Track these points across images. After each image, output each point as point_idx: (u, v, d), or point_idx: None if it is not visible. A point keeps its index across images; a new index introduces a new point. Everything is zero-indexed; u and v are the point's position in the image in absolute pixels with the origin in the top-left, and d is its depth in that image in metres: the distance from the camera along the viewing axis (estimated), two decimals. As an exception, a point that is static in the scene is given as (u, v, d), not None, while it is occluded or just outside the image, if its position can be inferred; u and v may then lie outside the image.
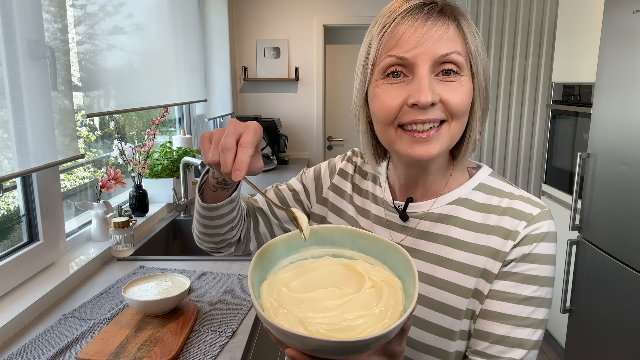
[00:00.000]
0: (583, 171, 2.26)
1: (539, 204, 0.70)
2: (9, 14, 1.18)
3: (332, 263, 0.60)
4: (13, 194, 1.43)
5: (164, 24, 2.24)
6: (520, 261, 0.66)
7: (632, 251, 1.88)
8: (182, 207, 2.08)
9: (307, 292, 0.55)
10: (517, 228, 0.67)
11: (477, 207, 0.71)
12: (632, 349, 1.89)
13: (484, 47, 0.64)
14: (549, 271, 0.67)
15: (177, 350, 1.04)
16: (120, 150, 1.89)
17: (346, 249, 0.63)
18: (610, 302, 2.04)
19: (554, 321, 2.80)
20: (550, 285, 0.67)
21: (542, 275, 0.66)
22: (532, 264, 0.66)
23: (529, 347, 0.65)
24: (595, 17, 2.39)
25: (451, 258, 0.70)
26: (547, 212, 0.69)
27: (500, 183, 0.74)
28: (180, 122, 2.96)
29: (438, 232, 0.72)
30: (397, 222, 0.76)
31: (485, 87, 0.66)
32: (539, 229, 0.67)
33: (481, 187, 0.73)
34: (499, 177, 0.76)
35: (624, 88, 1.94)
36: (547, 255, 0.66)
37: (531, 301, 0.66)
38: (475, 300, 0.68)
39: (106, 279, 1.46)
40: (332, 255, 0.62)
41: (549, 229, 0.67)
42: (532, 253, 0.66)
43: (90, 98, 1.59)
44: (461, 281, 0.69)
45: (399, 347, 0.57)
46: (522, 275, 0.66)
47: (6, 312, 1.16)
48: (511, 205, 0.70)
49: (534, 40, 3.78)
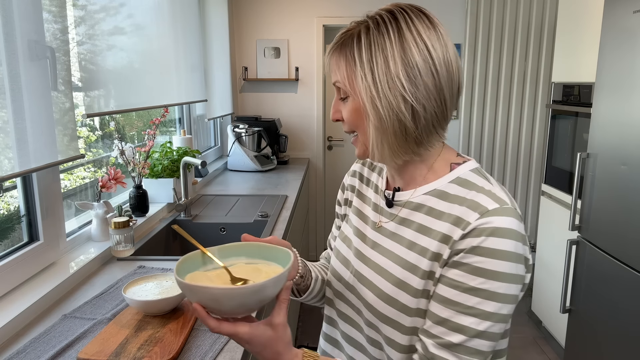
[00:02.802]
0: (583, 171, 2.26)
1: (502, 200, 0.73)
2: (9, 14, 1.18)
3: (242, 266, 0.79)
4: (11, 193, 1.43)
5: (164, 24, 2.24)
6: (469, 253, 0.70)
7: (632, 251, 1.88)
8: (182, 207, 2.08)
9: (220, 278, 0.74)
10: (469, 219, 0.71)
11: (446, 198, 0.77)
12: (632, 348, 1.89)
13: (373, 67, 0.73)
14: (501, 267, 0.69)
15: (177, 350, 1.04)
16: (121, 150, 1.89)
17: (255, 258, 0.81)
18: (610, 302, 2.04)
19: (554, 321, 2.81)
20: (504, 281, 0.69)
21: (491, 269, 0.69)
22: (480, 257, 0.69)
23: (470, 335, 0.70)
24: (595, 17, 2.39)
25: (417, 242, 0.77)
26: (507, 209, 0.71)
27: (478, 178, 0.77)
28: (180, 122, 2.96)
29: (412, 219, 0.80)
30: (385, 208, 0.86)
31: (372, 103, 0.74)
32: (489, 223, 0.70)
33: (458, 180, 0.78)
34: (482, 173, 0.79)
35: (624, 88, 1.94)
36: (499, 251, 0.69)
37: (478, 292, 0.69)
38: (430, 281, 0.75)
39: (106, 279, 1.47)
40: (245, 263, 0.80)
41: (501, 225, 0.69)
42: (480, 246, 0.69)
43: (91, 98, 1.59)
44: (420, 263, 0.76)
45: (278, 319, 0.71)
46: (470, 266, 0.70)
47: (6, 312, 1.16)
48: (473, 198, 0.74)
49: (534, 41, 3.77)
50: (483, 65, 3.83)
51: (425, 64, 0.72)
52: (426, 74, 0.73)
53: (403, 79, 0.72)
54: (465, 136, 3.95)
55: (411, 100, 0.73)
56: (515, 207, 0.73)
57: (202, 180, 2.80)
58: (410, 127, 0.74)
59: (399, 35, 0.73)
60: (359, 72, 0.74)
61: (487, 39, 3.80)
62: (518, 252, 0.70)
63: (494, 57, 3.81)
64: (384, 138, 0.76)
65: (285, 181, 2.92)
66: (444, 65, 0.74)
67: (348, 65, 0.76)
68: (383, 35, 0.73)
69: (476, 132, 3.94)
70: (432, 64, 0.73)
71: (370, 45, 0.73)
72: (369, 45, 0.74)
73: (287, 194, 2.56)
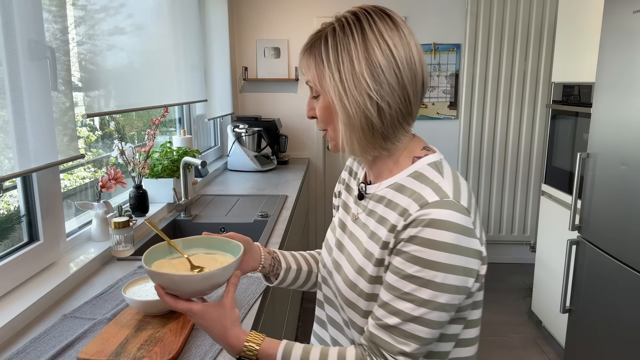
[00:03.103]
0: (583, 171, 2.26)
1: (444, 193, 0.76)
2: (9, 14, 1.18)
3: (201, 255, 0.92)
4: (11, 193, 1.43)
5: (164, 24, 2.24)
6: (408, 242, 0.75)
7: (632, 251, 1.88)
8: (182, 207, 2.08)
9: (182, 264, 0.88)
10: (411, 210, 0.76)
11: (402, 191, 0.81)
12: (632, 348, 1.89)
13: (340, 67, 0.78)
14: (437, 256, 0.72)
15: (177, 350, 1.04)
16: (121, 150, 1.89)
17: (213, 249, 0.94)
18: (610, 302, 2.04)
19: (554, 321, 2.81)
20: (440, 270, 0.73)
21: (427, 259, 0.73)
22: (417, 246, 0.73)
23: (405, 319, 0.75)
24: (595, 17, 2.39)
25: (376, 232, 0.82)
26: (447, 202, 0.74)
27: (431, 171, 0.81)
28: (180, 122, 2.96)
29: (376, 211, 0.85)
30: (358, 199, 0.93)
31: (340, 101, 0.79)
32: (427, 214, 0.73)
33: (414, 173, 0.82)
34: (437, 167, 0.82)
35: (624, 88, 1.94)
36: (434, 241, 0.72)
37: (414, 280, 0.74)
38: (381, 268, 0.80)
39: (106, 279, 1.47)
40: (204, 253, 0.94)
41: (437, 217, 0.73)
42: (417, 236, 0.73)
43: (91, 98, 1.59)
44: (375, 251, 0.81)
45: (226, 299, 0.83)
46: (409, 254, 0.74)
47: (6, 312, 1.16)
48: (420, 190, 0.78)
49: (534, 40, 3.78)
50: (483, 65, 3.83)
51: (388, 63, 0.77)
52: (389, 72, 0.77)
53: (367, 78, 0.76)
54: (465, 136, 3.95)
55: (376, 98, 0.77)
56: (460, 200, 0.75)
57: (202, 180, 2.80)
58: (376, 123, 0.78)
59: (363, 36, 0.77)
60: (327, 72, 0.79)
61: (487, 39, 3.80)
62: (458, 244, 0.73)
63: (494, 57, 3.81)
64: (352, 134, 0.80)
65: (285, 181, 2.92)
66: (406, 64, 0.78)
67: (317, 65, 0.81)
68: (348, 36, 0.78)
69: (476, 132, 3.94)
70: (395, 63, 0.77)
71: (337, 46, 0.78)
72: (335, 46, 0.78)
73: (287, 194, 2.56)
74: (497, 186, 4.03)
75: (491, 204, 4.06)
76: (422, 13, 3.81)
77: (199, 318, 0.81)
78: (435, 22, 3.81)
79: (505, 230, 4.10)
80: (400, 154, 0.85)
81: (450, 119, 3.96)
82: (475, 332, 0.85)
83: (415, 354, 0.76)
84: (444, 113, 3.94)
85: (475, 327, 0.85)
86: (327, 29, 0.81)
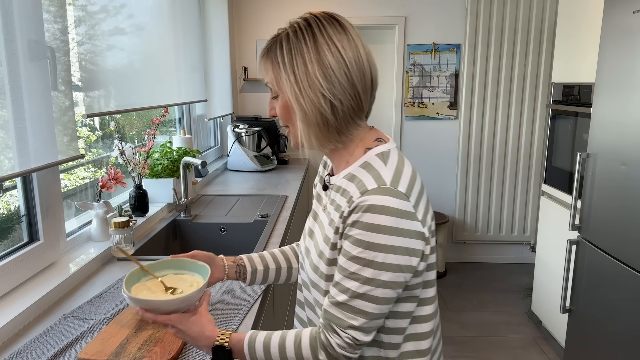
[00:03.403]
0: (583, 171, 2.26)
1: (382, 181, 0.83)
2: (9, 14, 1.18)
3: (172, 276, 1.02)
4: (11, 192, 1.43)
5: (164, 24, 2.24)
6: (352, 226, 0.82)
7: (632, 251, 1.88)
8: (182, 207, 2.08)
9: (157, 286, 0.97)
10: (354, 197, 0.83)
11: (353, 180, 0.88)
12: (632, 348, 1.89)
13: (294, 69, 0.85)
14: (378, 239, 0.80)
15: (177, 350, 1.04)
16: (121, 150, 1.89)
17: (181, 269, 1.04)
18: (610, 302, 2.04)
19: (554, 321, 2.81)
20: (382, 251, 0.80)
21: (368, 241, 0.80)
22: (359, 230, 0.81)
23: (352, 296, 0.82)
24: (595, 17, 2.39)
25: (333, 219, 0.89)
26: (384, 189, 0.81)
27: (377, 161, 0.88)
28: (180, 122, 2.96)
29: (335, 199, 0.92)
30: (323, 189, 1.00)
31: (297, 100, 0.86)
32: (365, 201, 0.81)
33: (364, 164, 0.89)
34: (384, 156, 0.88)
35: (624, 88, 1.95)
36: (374, 225, 0.80)
37: (358, 260, 0.81)
38: (335, 251, 0.88)
39: (106, 278, 1.47)
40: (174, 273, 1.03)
41: (375, 203, 0.80)
42: (359, 221, 0.81)
43: (91, 98, 1.59)
44: (331, 236, 0.89)
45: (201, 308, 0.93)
46: (353, 238, 0.82)
47: (6, 312, 1.16)
48: (363, 179, 0.85)
49: (534, 40, 3.78)
50: (483, 65, 3.83)
51: (338, 64, 0.84)
52: (339, 72, 0.84)
53: (320, 78, 0.84)
54: (465, 136, 3.95)
55: (329, 96, 0.85)
56: (397, 187, 0.82)
57: (202, 180, 2.80)
58: (330, 119, 0.86)
59: (314, 40, 0.85)
60: (283, 74, 0.86)
61: (487, 39, 3.80)
62: (397, 226, 0.80)
63: (494, 57, 3.81)
64: (309, 130, 0.88)
65: (285, 181, 2.92)
66: (355, 64, 0.85)
67: (274, 68, 0.88)
68: (300, 41, 0.85)
69: (476, 132, 3.94)
70: (344, 64, 0.85)
71: (291, 50, 0.86)
72: (289, 50, 0.86)
73: (287, 194, 2.56)
74: (497, 186, 4.03)
75: (491, 204, 4.06)
76: (422, 13, 3.81)
77: (178, 324, 0.89)
78: (435, 22, 3.81)
79: (505, 230, 4.10)
80: (355, 145, 0.92)
81: (450, 119, 3.96)
82: (430, 309, 0.92)
83: (364, 327, 0.83)
84: (444, 113, 3.94)
85: (429, 304, 0.92)
86: (281, 35, 0.88)
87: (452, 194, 4.10)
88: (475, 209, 4.09)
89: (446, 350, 2.83)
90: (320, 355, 0.85)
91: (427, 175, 4.07)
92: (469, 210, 4.08)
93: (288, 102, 0.88)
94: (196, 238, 2.12)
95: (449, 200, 4.11)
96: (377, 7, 3.81)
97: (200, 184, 2.76)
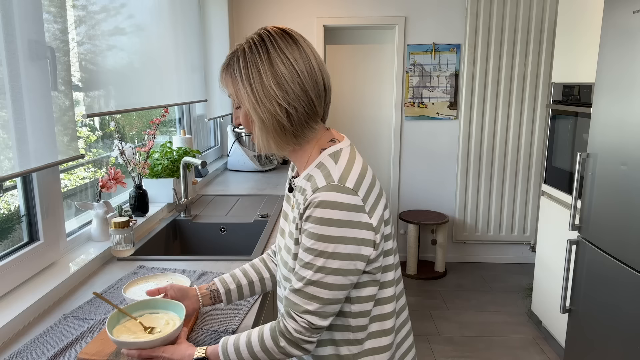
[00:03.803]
0: (583, 171, 2.26)
1: (331, 178, 0.91)
2: (9, 14, 1.18)
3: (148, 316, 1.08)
4: (11, 192, 1.43)
5: (164, 24, 2.24)
6: (306, 221, 0.90)
7: (632, 251, 1.88)
8: (182, 207, 2.08)
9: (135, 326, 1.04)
10: (308, 195, 0.91)
11: (309, 179, 0.95)
12: (632, 348, 1.89)
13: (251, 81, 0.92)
14: (328, 231, 0.88)
15: (177, 350, 1.04)
16: (121, 150, 1.89)
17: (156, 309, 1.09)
18: (610, 302, 2.04)
19: (554, 321, 2.81)
20: (332, 242, 0.88)
21: (320, 233, 0.88)
22: (312, 224, 0.89)
23: (307, 283, 0.90)
24: (595, 17, 2.39)
25: (296, 216, 0.96)
26: (332, 185, 0.89)
27: (329, 161, 0.95)
28: (180, 122, 2.96)
29: (297, 199, 0.98)
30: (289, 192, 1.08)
31: (255, 109, 0.93)
32: (317, 197, 0.89)
33: (318, 164, 0.96)
34: (335, 156, 0.96)
35: (624, 88, 1.95)
36: (324, 219, 0.88)
37: (312, 251, 0.90)
38: (298, 246, 0.95)
39: (106, 279, 1.47)
40: (149, 313, 1.09)
41: (324, 199, 0.88)
42: (311, 216, 0.89)
43: (91, 98, 1.59)
44: (294, 232, 0.96)
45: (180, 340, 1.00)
46: (307, 231, 0.90)
47: (6, 312, 1.16)
48: (316, 177, 0.93)
49: (534, 41, 3.78)
50: (483, 65, 3.83)
51: (291, 74, 0.91)
52: (292, 81, 0.91)
53: (275, 87, 0.91)
54: (465, 136, 3.95)
55: (284, 104, 0.92)
56: (345, 183, 0.89)
57: (202, 180, 2.80)
58: (286, 125, 0.93)
59: (267, 54, 0.92)
60: (241, 86, 0.93)
61: (487, 39, 3.80)
62: (346, 219, 0.88)
63: (494, 57, 3.81)
64: (268, 135, 0.95)
65: (285, 181, 2.92)
66: (307, 73, 0.93)
67: (233, 81, 0.95)
68: (255, 55, 0.93)
69: (476, 132, 3.94)
70: (297, 74, 0.92)
71: (247, 64, 0.93)
72: (245, 64, 0.93)
73: (287, 194, 2.56)
74: (497, 186, 4.03)
75: (491, 204, 4.07)
76: (422, 13, 3.81)
77: (162, 352, 0.97)
78: (435, 22, 3.81)
79: (505, 230, 4.10)
80: (312, 147, 1.00)
81: (450, 119, 3.96)
82: (390, 292, 0.99)
83: (319, 312, 0.90)
84: (444, 113, 3.94)
85: (391, 286, 0.99)
86: (238, 50, 0.95)
87: (452, 194, 4.10)
88: (475, 209, 4.09)
89: (446, 350, 2.83)
90: (280, 342, 0.92)
91: (427, 175, 4.07)
92: (469, 210, 4.08)
93: (247, 111, 0.95)
94: (196, 238, 2.12)
95: (449, 200, 4.11)
96: (377, 7, 3.81)
97: (200, 184, 2.76)
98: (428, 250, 4.20)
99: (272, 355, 0.94)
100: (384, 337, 0.98)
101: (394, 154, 4.04)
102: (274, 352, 0.93)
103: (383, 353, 0.98)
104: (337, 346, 0.97)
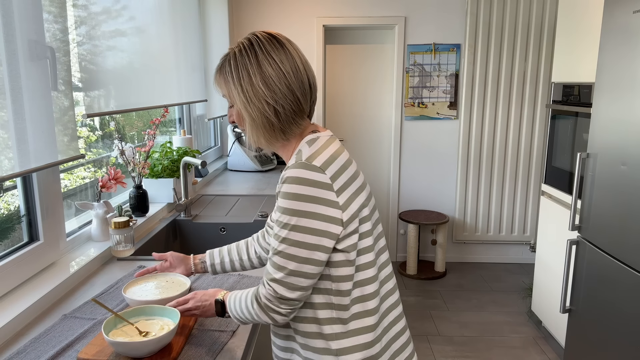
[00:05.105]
0: (583, 171, 2.26)
1: (300, 158, 0.97)
2: (9, 14, 1.18)
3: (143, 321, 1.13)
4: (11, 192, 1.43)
5: (164, 24, 2.24)
6: (277, 197, 0.98)
7: (631, 251, 1.88)
8: (182, 207, 2.08)
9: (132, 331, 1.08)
10: (283, 174, 0.98)
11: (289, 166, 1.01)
12: (632, 348, 1.89)
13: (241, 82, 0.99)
14: (291, 205, 0.94)
15: (177, 350, 1.04)
16: (121, 150, 1.89)
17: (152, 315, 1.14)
18: (609, 302, 2.04)
19: (554, 321, 2.81)
20: (295, 215, 0.94)
21: (284, 207, 0.95)
22: (280, 199, 0.96)
23: (273, 253, 0.97)
24: (595, 17, 2.39)
25: None
26: (300, 163, 0.95)
27: (304, 146, 1.01)
28: (180, 122, 2.96)
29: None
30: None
31: (245, 108, 1.01)
32: (285, 174, 0.96)
33: (297, 152, 1.02)
34: (312, 141, 1.02)
35: (624, 88, 1.95)
36: (289, 193, 0.94)
37: (279, 223, 0.96)
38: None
39: (106, 279, 1.47)
40: (145, 319, 1.13)
41: (290, 174, 0.95)
42: (280, 191, 0.97)
43: (91, 98, 1.59)
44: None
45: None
46: (277, 205, 0.98)
47: (6, 312, 1.16)
48: (291, 160, 1.00)
49: (534, 41, 3.78)
50: (483, 65, 3.83)
51: (278, 74, 0.99)
52: (279, 81, 0.99)
53: (263, 87, 0.98)
54: (465, 136, 3.95)
55: (272, 103, 0.99)
56: (312, 162, 0.95)
57: (202, 180, 2.80)
58: (275, 122, 1.01)
59: (256, 57, 1.00)
60: (233, 87, 1.01)
61: (487, 39, 3.80)
62: (309, 194, 0.93)
63: (493, 57, 3.82)
64: (258, 132, 1.03)
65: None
66: (292, 74, 1.00)
67: (226, 82, 1.03)
68: (244, 58, 1.00)
69: (476, 132, 3.94)
70: (283, 75, 0.99)
71: (237, 66, 1.00)
72: (236, 66, 1.01)
73: (287, 194, 2.56)
74: (497, 186, 4.03)
75: (491, 204, 4.07)
76: (422, 13, 3.81)
77: (194, 294, 1.11)
78: (435, 22, 3.81)
79: (505, 230, 4.10)
80: (297, 141, 1.07)
81: (450, 119, 3.96)
82: (371, 273, 1.03)
83: (284, 281, 0.95)
84: (444, 113, 3.94)
85: (370, 268, 1.03)
86: (230, 54, 1.03)
87: (452, 194, 4.10)
88: (475, 209, 4.09)
89: (446, 350, 2.83)
90: (254, 304, 1.00)
91: (427, 175, 4.07)
92: (469, 210, 4.08)
93: (239, 110, 1.03)
94: (196, 238, 2.12)
95: (449, 200, 4.11)
96: (377, 7, 3.81)
97: (200, 184, 2.76)
98: (428, 250, 4.20)
99: (252, 316, 1.01)
100: (367, 318, 1.02)
101: (394, 154, 4.04)
102: (252, 313, 1.01)
103: (367, 333, 1.01)
104: (321, 324, 1.01)
